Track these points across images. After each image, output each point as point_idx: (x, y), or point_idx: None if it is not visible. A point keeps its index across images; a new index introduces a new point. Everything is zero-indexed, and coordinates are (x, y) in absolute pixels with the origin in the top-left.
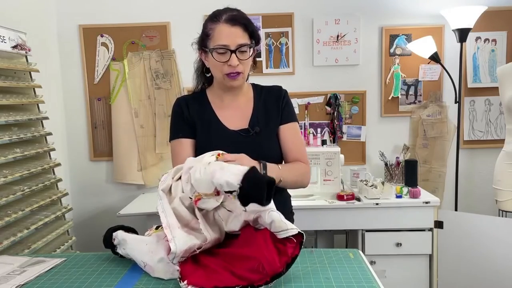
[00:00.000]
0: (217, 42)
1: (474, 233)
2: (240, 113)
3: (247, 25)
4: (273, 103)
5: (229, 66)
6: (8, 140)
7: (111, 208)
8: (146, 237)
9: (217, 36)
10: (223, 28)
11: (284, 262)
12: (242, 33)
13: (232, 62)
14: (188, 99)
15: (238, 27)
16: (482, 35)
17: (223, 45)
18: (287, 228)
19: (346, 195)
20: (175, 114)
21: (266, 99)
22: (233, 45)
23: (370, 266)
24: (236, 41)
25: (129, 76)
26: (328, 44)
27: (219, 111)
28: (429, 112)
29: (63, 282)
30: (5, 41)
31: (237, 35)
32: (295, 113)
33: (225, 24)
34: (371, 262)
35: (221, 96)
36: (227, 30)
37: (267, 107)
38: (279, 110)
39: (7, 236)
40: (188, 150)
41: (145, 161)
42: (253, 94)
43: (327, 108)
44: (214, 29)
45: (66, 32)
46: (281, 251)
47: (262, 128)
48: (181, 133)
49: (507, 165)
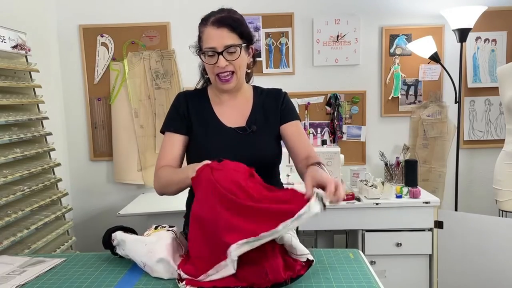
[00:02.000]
0: (206, 45)
1: (474, 233)
2: (238, 111)
3: (233, 26)
4: (272, 105)
5: (218, 67)
6: (8, 140)
7: (111, 208)
8: (145, 237)
9: (205, 39)
10: (210, 30)
11: (288, 275)
12: (229, 34)
13: (219, 63)
14: (189, 95)
15: (224, 28)
16: (482, 35)
17: (210, 48)
18: (302, 253)
19: (346, 195)
20: (173, 107)
21: (265, 101)
22: (220, 47)
23: (370, 266)
24: (222, 42)
25: (129, 76)
26: (328, 44)
27: (217, 108)
28: (429, 112)
29: (63, 282)
30: (5, 41)
31: (223, 36)
32: (297, 112)
33: (212, 27)
34: (371, 262)
35: (219, 95)
36: (213, 33)
37: (265, 109)
38: (277, 111)
39: (7, 236)
40: (174, 147)
41: (145, 161)
42: (252, 95)
43: (327, 108)
44: (203, 32)
45: (66, 32)
46: (289, 265)
47: (260, 127)
48: (172, 127)
49: (507, 165)
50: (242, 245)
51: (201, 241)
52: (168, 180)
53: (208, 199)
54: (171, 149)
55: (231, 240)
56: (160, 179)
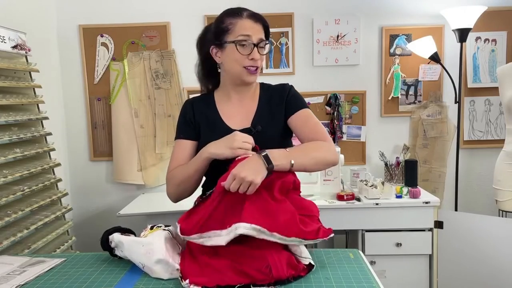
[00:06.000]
0: (241, 32)
1: (474, 233)
2: (244, 112)
3: (265, 25)
4: (277, 99)
5: (251, 59)
6: (8, 140)
7: (111, 208)
8: (143, 238)
9: (239, 29)
10: (246, 22)
11: (290, 273)
12: (262, 30)
13: (255, 55)
14: (194, 101)
15: (259, 23)
16: (482, 35)
17: (247, 35)
18: (306, 256)
19: (346, 195)
20: (181, 115)
21: (271, 96)
22: (256, 39)
23: (370, 266)
24: (258, 35)
25: (129, 76)
26: (328, 44)
27: (223, 111)
28: (429, 112)
29: (63, 282)
30: (5, 41)
31: (259, 30)
32: (303, 99)
33: (248, 19)
34: (371, 262)
35: (229, 93)
36: (250, 25)
37: (271, 105)
38: (283, 104)
39: (7, 236)
40: (185, 151)
41: (145, 161)
42: (259, 93)
43: (327, 108)
44: (235, 23)
45: (66, 32)
46: (292, 264)
47: (265, 125)
48: (182, 134)
49: (507, 165)
50: (251, 229)
51: (215, 205)
52: (184, 173)
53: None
54: (182, 154)
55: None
56: (175, 178)
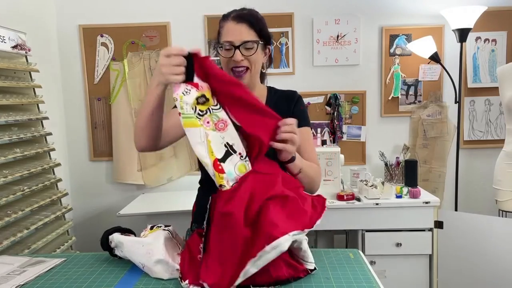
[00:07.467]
0: (224, 38)
1: (474, 233)
2: None
3: (253, 23)
4: (283, 106)
5: (233, 61)
6: (8, 140)
7: (111, 208)
8: (142, 238)
9: (224, 33)
10: (229, 25)
11: (290, 274)
12: (248, 30)
13: (235, 57)
14: None
15: (243, 24)
16: (482, 35)
17: (228, 41)
18: (308, 260)
19: (346, 195)
20: None
21: (277, 101)
22: (238, 41)
23: (370, 266)
24: (240, 37)
25: (129, 76)
26: (328, 44)
27: None
28: (429, 112)
29: (63, 282)
30: (5, 41)
31: (242, 31)
32: (309, 118)
33: (232, 22)
34: (371, 262)
35: None
36: (232, 27)
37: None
38: (289, 113)
39: (7, 236)
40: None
41: (145, 161)
42: (266, 96)
43: (327, 108)
44: (223, 26)
45: (66, 32)
46: (292, 265)
47: None
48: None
49: (507, 165)
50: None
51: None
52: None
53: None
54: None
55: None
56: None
